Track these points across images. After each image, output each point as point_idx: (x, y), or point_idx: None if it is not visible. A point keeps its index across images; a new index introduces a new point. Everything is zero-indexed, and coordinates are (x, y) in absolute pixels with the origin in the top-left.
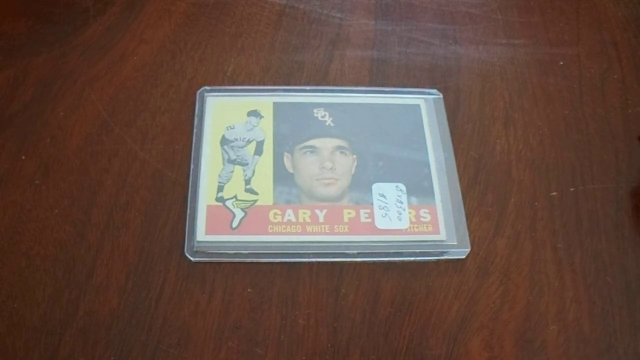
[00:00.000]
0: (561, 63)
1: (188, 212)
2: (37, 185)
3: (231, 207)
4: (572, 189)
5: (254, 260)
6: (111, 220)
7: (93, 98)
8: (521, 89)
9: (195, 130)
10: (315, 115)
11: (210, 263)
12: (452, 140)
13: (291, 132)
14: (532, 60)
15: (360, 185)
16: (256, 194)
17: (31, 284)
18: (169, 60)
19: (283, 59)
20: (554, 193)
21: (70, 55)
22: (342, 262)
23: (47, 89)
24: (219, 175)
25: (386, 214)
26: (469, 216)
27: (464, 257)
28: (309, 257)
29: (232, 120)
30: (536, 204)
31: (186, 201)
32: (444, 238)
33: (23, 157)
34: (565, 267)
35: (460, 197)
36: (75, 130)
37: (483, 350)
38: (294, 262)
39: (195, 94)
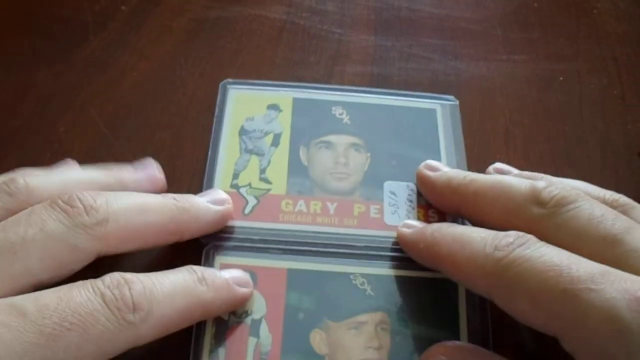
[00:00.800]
0: (561, 79)
1: None
2: None
3: (245, 194)
4: None
5: (263, 245)
6: None
7: (93, 114)
8: (521, 105)
9: (215, 119)
10: (333, 112)
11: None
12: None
13: (308, 126)
14: (532, 76)
15: (372, 182)
16: (270, 183)
17: None
18: (169, 76)
19: (283, 74)
20: None
21: (70, 71)
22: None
23: (47, 104)
24: (235, 164)
25: (395, 211)
26: None
27: None
28: (317, 247)
29: (252, 112)
30: None
31: None
32: None
33: None
34: None
35: None
36: (75, 145)
37: None
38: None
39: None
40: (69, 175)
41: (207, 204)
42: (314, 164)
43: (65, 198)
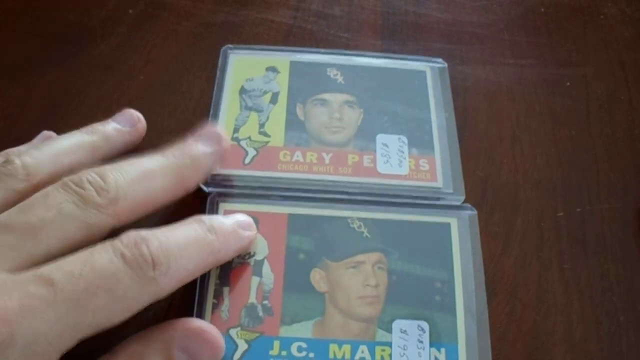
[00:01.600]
0: (568, 84)
1: None
2: None
3: (245, 146)
4: (578, 210)
5: (263, 192)
6: None
7: (100, 118)
8: (528, 109)
9: (216, 80)
10: (328, 73)
11: None
12: (461, 159)
13: (304, 86)
14: (539, 80)
15: (365, 135)
16: (269, 136)
17: None
18: (176, 81)
19: None
20: (561, 213)
21: (77, 76)
22: None
23: (54, 109)
24: (236, 119)
25: (388, 160)
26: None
27: (459, 204)
28: (315, 193)
29: (251, 74)
30: (543, 224)
31: None
32: (440, 185)
33: None
34: (572, 287)
35: (458, 152)
36: None
37: None
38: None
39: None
40: (56, 146)
41: (206, 153)
42: (310, 119)
43: (76, 180)
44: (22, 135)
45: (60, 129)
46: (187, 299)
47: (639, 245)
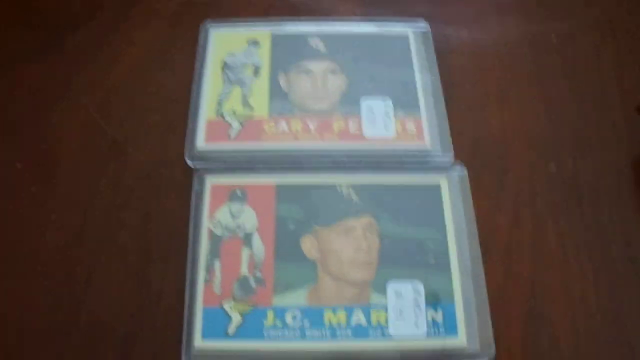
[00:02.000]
0: (554, 40)
1: (189, 125)
2: (33, 193)
3: (229, 120)
4: (571, 164)
5: (250, 165)
6: (109, 222)
7: (85, 102)
8: (515, 66)
9: (197, 57)
10: (310, 43)
11: None
12: (448, 118)
13: (287, 57)
14: (524, 38)
15: (350, 100)
16: (252, 108)
17: (32, 291)
18: (159, 60)
19: None
20: (553, 169)
21: (61, 62)
22: None
23: (40, 96)
24: (219, 94)
25: (374, 124)
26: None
27: (448, 163)
28: (301, 162)
29: (232, 48)
30: (535, 179)
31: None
32: (428, 146)
33: (18, 166)
34: (568, 241)
35: (444, 112)
36: (70, 135)
37: None
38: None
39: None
40: None
41: None
42: (294, 89)
43: None
44: (9, 124)
45: (48, 117)
46: (179, 276)
47: (634, 196)
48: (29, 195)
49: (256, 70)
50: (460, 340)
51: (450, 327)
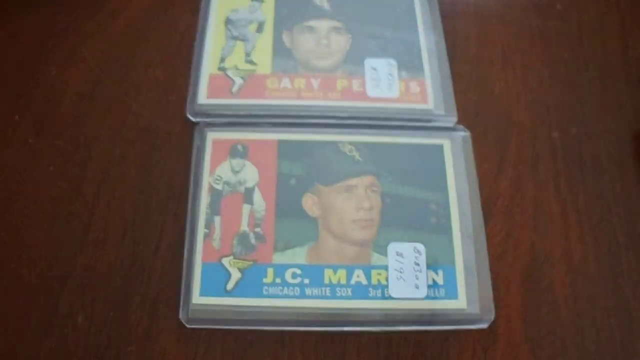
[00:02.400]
0: (559, 6)
1: (191, 80)
2: (31, 145)
3: (231, 75)
4: (573, 130)
5: (252, 120)
6: (107, 175)
7: (85, 55)
8: (519, 32)
9: (200, 11)
10: (314, 1)
11: None
12: (452, 82)
13: (291, 14)
14: (529, 3)
15: (354, 59)
16: (255, 64)
17: (28, 243)
18: (160, 14)
19: None
20: (555, 134)
21: (60, 13)
22: None
23: (38, 48)
24: (222, 49)
25: (377, 84)
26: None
27: (451, 125)
28: (303, 119)
29: (236, 4)
30: (537, 145)
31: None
32: (432, 107)
33: (16, 118)
34: (569, 207)
35: (449, 73)
36: (68, 88)
37: None
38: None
39: (186, 47)
40: None
41: None
42: (298, 46)
43: None
44: (8, 75)
45: (46, 70)
46: (177, 231)
47: (635, 165)
48: (26, 148)
49: (259, 27)
50: (460, 303)
51: (450, 289)
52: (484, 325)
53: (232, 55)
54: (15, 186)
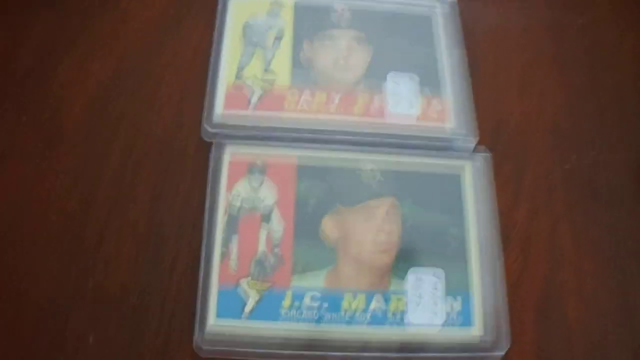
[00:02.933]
0: (575, 29)
1: (208, 89)
2: (40, 158)
3: (250, 86)
4: (588, 160)
5: (270, 135)
6: (119, 193)
7: (95, 65)
8: (536, 55)
9: (218, 16)
10: (335, 8)
11: None
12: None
13: (311, 23)
14: (546, 25)
15: (375, 73)
16: (275, 75)
17: (37, 261)
18: (173, 24)
19: None
20: (571, 165)
21: (70, 19)
22: None
23: (47, 55)
24: (240, 57)
25: (399, 101)
26: None
27: (471, 146)
28: (323, 135)
29: (254, 10)
30: (553, 175)
31: (201, 175)
32: (453, 127)
33: (25, 130)
34: (582, 240)
35: (470, 92)
36: (78, 100)
37: None
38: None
39: (200, 60)
40: None
41: None
42: (318, 57)
43: None
44: (13, 86)
45: (55, 76)
46: (193, 251)
47: None
48: (35, 161)
49: (279, 34)
50: (476, 330)
51: (467, 317)
52: (500, 354)
53: (251, 65)
54: (24, 203)
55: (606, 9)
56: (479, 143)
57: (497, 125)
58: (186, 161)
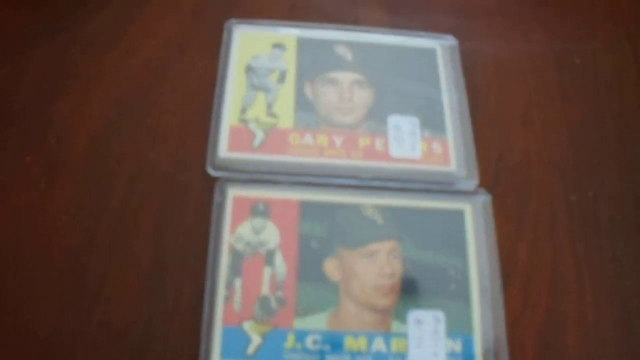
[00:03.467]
0: (577, 60)
1: (211, 130)
2: (43, 190)
3: (253, 128)
4: (590, 192)
5: (273, 178)
6: (122, 227)
7: (99, 96)
8: (539, 87)
9: (221, 58)
10: (336, 50)
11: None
12: (473, 140)
13: (313, 64)
14: (548, 56)
15: (376, 116)
16: (277, 117)
17: (40, 295)
18: (177, 55)
19: None
20: (573, 197)
21: (73, 49)
22: None
23: (49, 85)
24: (243, 99)
25: (400, 143)
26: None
27: (472, 188)
28: (325, 178)
29: (257, 51)
30: (555, 207)
31: (205, 209)
32: (453, 170)
33: (27, 160)
34: (584, 271)
35: (471, 134)
36: (81, 130)
37: None
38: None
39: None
40: None
41: None
42: (320, 99)
43: None
44: (15, 116)
45: (57, 107)
46: (196, 291)
47: None
48: (37, 193)
49: (281, 76)
50: None
51: (468, 358)
52: None
53: (253, 107)
54: (26, 234)
55: (608, 38)
56: (480, 182)
57: (500, 159)
58: (190, 198)
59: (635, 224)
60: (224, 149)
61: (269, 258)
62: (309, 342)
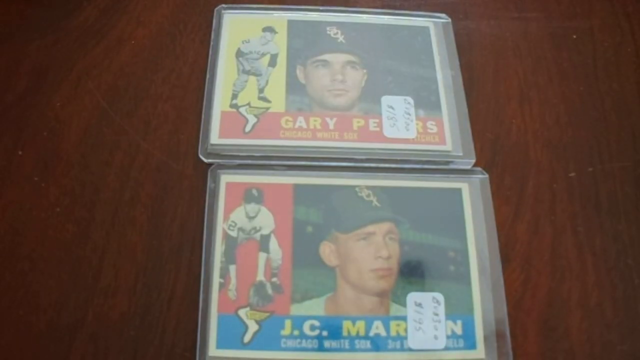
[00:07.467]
0: (574, 37)
1: (203, 117)
2: (36, 183)
3: (244, 113)
4: (590, 169)
5: (266, 162)
6: (116, 218)
7: (91, 86)
8: (535, 65)
9: (211, 43)
10: (327, 32)
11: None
12: (470, 120)
13: (304, 47)
14: (545, 34)
15: (370, 97)
16: (269, 101)
17: (35, 288)
18: (169, 44)
19: None
20: (573, 174)
21: (64, 41)
22: None
23: (41, 78)
24: (234, 84)
25: (394, 124)
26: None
27: (469, 167)
28: (319, 161)
29: (247, 35)
30: (555, 185)
31: (199, 194)
32: (449, 148)
33: (20, 153)
34: (586, 250)
35: (466, 112)
36: (73, 122)
37: None
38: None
39: (196, 77)
40: None
41: None
42: (312, 82)
43: None
44: (9, 108)
45: (48, 100)
46: (192, 279)
47: None
48: (31, 186)
49: (272, 60)
50: (478, 353)
51: (469, 340)
52: None
53: (245, 91)
54: (20, 227)
55: (605, 15)
56: (477, 161)
57: (497, 138)
58: (183, 186)
59: (636, 201)
60: (216, 135)
61: (263, 244)
62: (306, 328)
